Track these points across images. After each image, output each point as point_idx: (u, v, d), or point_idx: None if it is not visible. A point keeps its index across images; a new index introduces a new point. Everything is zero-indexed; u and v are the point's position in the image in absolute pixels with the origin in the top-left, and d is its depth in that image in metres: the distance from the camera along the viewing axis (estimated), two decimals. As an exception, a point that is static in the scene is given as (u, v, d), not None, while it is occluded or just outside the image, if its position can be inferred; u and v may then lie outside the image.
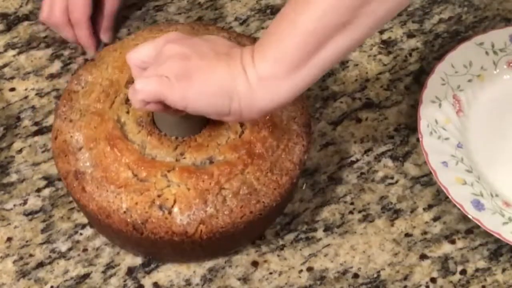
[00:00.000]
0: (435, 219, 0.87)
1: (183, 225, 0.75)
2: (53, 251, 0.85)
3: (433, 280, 0.83)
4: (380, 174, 0.90)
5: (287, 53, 0.66)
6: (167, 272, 0.83)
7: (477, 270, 0.84)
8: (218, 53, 0.69)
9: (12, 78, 0.97)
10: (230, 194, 0.76)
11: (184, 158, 0.77)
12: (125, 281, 0.83)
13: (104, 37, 0.97)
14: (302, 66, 0.66)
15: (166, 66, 0.68)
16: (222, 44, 0.70)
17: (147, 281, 0.83)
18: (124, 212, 0.76)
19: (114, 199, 0.76)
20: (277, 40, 0.66)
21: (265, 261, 0.84)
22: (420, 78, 0.97)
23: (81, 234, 0.86)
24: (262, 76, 0.66)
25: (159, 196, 0.76)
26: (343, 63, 0.98)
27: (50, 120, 0.93)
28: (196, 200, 0.75)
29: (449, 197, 0.83)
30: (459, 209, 0.83)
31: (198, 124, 0.78)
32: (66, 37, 0.96)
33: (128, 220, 0.76)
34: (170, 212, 0.75)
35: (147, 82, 0.68)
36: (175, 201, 0.76)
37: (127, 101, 0.80)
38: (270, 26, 0.68)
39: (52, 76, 0.97)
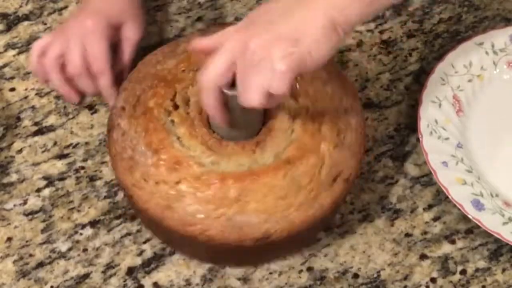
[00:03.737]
0: (435, 219, 0.87)
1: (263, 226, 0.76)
2: (53, 251, 0.85)
3: (433, 280, 0.83)
4: (380, 174, 0.90)
5: None
6: (167, 272, 0.83)
7: (477, 270, 0.84)
8: (291, 8, 0.72)
9: (12, 78, 0.97)
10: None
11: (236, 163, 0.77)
12: (125, 281, 0.83)
13: None
14: None
15: (277, 50, 0.70)
16: (280, 3, 0.74)
17: (147, 281, 0.83)
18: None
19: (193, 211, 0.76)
20: None
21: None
22: (420, 78, 0.97)
23: (81, 234, 0.86)
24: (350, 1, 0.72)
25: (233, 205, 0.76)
26: (343, 63, 0.98)
27: (50, 120, 0.93)
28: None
29: (449, 197, 0.83)
30: (459, 209, 0.83)
31: (255, 128, 0.79)
32: (84, 88, 0.90)
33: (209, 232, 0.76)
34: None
35: (287, 60, 0.69)
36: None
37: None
38: None
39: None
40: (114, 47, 0.91)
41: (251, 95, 0.71)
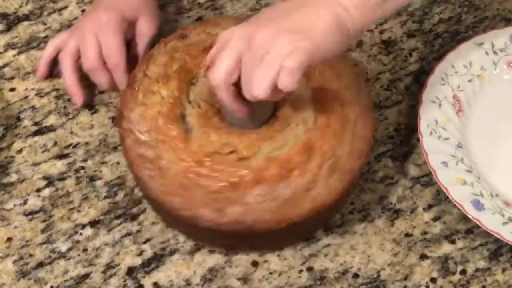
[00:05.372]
0: (435, 219, 0.87)
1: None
2: (53, 251, 0.85)
3: (433, 280, 0.83)
4: (380, 174, 0.90)
5: None
6: (167, 272, 0.83)
7: (477, 270, 0.84)
8: (299, 7, 0.72)
9: (12, 78, 0.97)
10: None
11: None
12: (125, 281, 0.83)
13: None
14: None
15: (287, 41, 0.70)
16: (288, 2, 0.74)
17: (147, 281, 0.83)
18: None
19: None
20: None
21: (265, 261, 0.84)
22: (420, 78, 0.97)
23: (81, 234, 0.86)
24: (358, 3, 0.72)
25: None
26: (343, 63, 0.98)
27: (50, 120, 0.93)
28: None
29: (449, 197, 0.83)
30: (459, 209, 0.83)
31: (265, 116, 0.81)
32: (100, 82, 0.92)
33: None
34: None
35: (296, 55, 0.69)
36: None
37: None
38: None
39: (52, 76, 0.97)
40: (128, 42, 0.92)
41: (257, 89, 0.71)
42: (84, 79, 0.94)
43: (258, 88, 0.71)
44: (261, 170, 0.77)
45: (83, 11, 1.02)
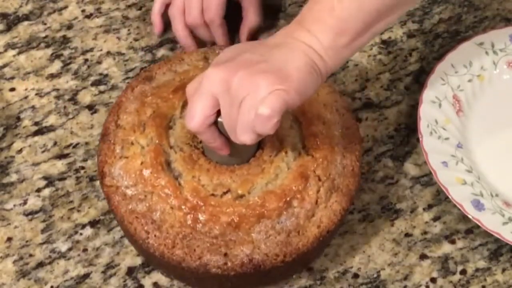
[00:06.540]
0: (435, 219, 0.87)
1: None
2: (53, 251, 0.85)
3: (433, 280, 0.83)
4: (380, 174, 0.90)
5: (351, 26, 0.72)
6: (167, 272, 0.83)
7: (477, 270, 0.84)
8: (271, 49, 0.72)
9: (12, 78, 0.97)
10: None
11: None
12: (125, 281, 0.83)
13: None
14: (361, 35, 0.73)
15: (263, 85, 0.68)
16: (258, 44, 0.74)
17: (147, 281, 0.83)
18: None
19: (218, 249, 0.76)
20: (339, 14, 0.72)
21: (265, 261, 0.84)
22: (420, 78, 0.97)
23: (81, 234, 0.86)
24: (327, 46, 0.72)
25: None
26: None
27: (50, 120, 0.93)
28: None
29: (449, 197, 0.83)
30: (459, 209, 0.83)
31: (251, 149, 0.79)
32: (201, 36, 0.97)
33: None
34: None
35: (270, 102, 0.68)
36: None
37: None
38: (315, 2, 0.73)
39: (52, 76, 0.97)
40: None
41: (242, 136, 0.70)
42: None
43: (243, 136, 0.70)
44: (260, 205, 0.75)
45: (83, 11, 1.02)
